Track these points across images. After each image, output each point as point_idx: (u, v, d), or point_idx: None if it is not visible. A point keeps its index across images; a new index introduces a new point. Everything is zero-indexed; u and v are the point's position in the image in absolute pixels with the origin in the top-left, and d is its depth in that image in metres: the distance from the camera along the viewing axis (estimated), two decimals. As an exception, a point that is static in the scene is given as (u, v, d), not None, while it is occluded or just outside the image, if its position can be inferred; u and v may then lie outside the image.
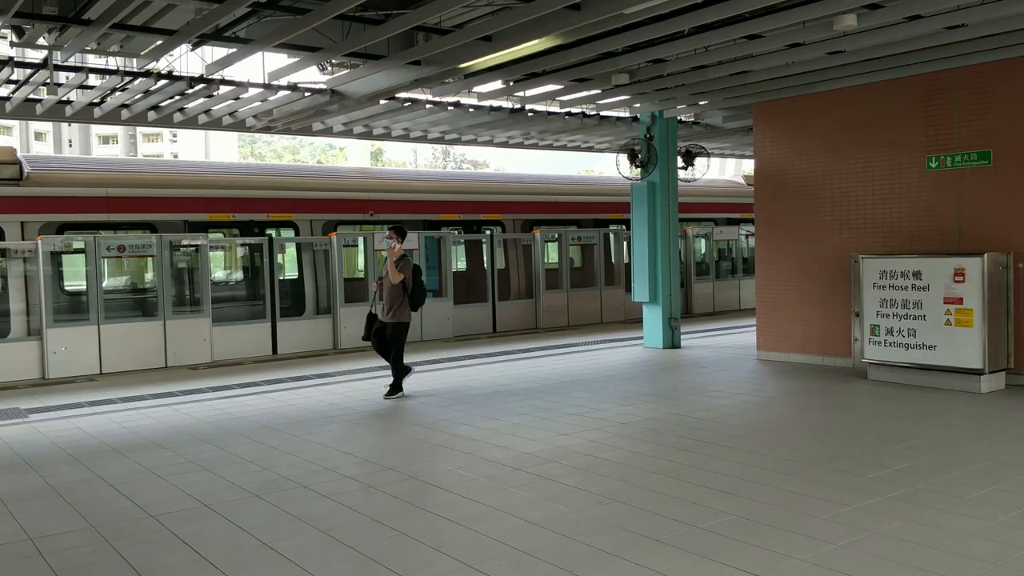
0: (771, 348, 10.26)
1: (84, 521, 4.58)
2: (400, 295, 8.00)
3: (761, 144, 10.46)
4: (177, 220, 11.75)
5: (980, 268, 7.63)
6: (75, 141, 51.13)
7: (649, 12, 6.52)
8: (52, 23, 7.07)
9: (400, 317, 8.04)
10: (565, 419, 6.91)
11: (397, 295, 8.01)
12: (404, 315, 8.05)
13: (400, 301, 8.01)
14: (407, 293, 8.00)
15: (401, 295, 8.00)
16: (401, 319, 8.05)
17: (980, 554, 3.79)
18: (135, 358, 10.55)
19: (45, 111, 10.33)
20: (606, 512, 4.50)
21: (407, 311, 8.07)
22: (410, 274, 8.02)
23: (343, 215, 13.34)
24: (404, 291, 7.99)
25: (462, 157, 53.49)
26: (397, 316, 8.03)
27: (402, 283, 7.95)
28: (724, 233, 17.13)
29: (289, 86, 9.68)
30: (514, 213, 15.34)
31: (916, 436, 6.07)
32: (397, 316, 8.03)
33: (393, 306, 8.02)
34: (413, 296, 8.04)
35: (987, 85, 8.25)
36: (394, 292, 8.00)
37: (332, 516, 4.55)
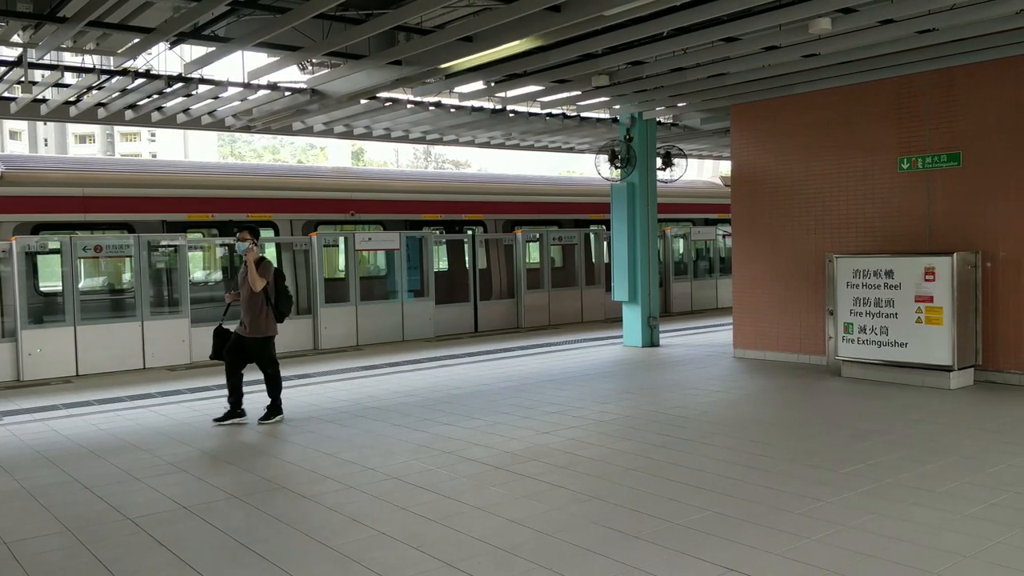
0: (747, 346, 10.40)
1: (60, 524, 4.54)
2: (262, 305, 7.00)
3: (738, 145, 10.59)
4: (155, 220, 11.63)
5: (950, 267, 7.80)
6: (51, 140, 50.31)
7: (628, 14, 6.59)
8: (26, 20, 6.97)
9: (266, 331, 7.06)
10: (545, 417, 6.96)
11: (258, 305, 6.98)
12: (270, 327, 7.08)
13: (263, 312, 7.01)
14: (270, 302, 7.04)
15: (263, 305, 7.00)
16: (268, 332, 7.07)
17: (950, 546, 3.89)
18: (112, 359, 10.43)
19: (20, 110, 10.17)
20: (585, 509, 4.55)
21: (272, 323, 7.09)
22: (271, 279, 7.07)
23: (324, 215, 13.28)
24: (266, 300, 7.01)
25: (443, 157, 53.42)
26: (262, 330, 7.03)
27: (264, 291, 6.98)
28: (702, 233, 17.30)
29: (269, 85, 9.63)
30: (496, 213, 15.38)
31: (888, 432, 6.20)
32: (262, 330, 7.03)
33: (255, 318, 6.99)
34: (278, 305, 7.09)
35: (956, 88, 8.43)
36: (254, 302, 6.97)
37: (312, 517, 4.55)
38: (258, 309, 7.00)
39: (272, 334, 7.14)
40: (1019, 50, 7.77)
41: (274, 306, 7.07)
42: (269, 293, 7.04)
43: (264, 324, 7.04)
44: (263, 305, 7.01)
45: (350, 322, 12.48)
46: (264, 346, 7.08)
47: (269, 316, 7.06)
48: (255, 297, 6.98)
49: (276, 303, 7.08)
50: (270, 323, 7.08)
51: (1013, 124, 8.04)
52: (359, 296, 12.59)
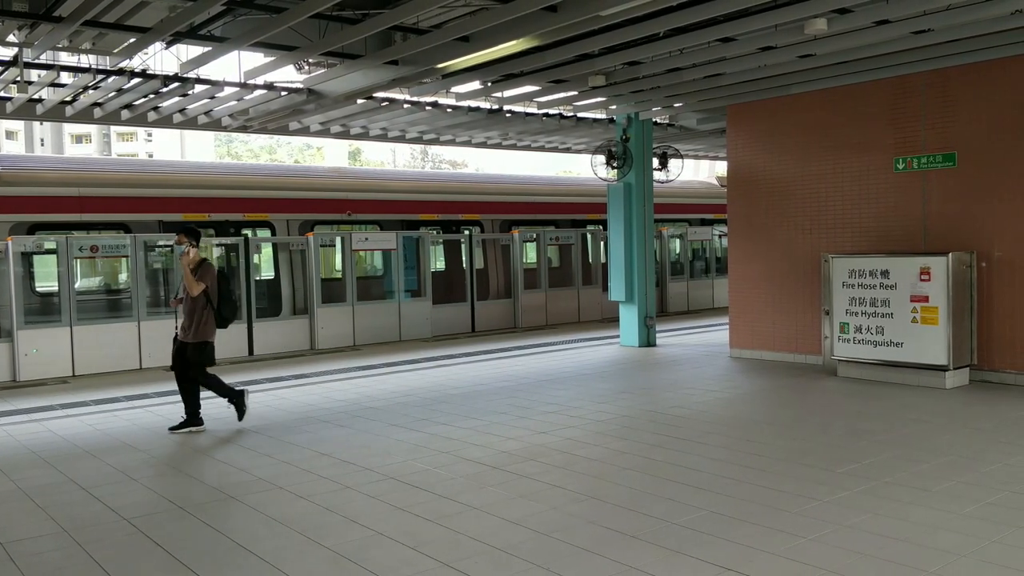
0: (743, 346, 10.42)
1: (56, 525, 4.53)
2: (202, 308, 6.70)
3: (734, 146, 10.61)
4: (152, 220, 11.61)
5: (945, 267, 7.83)
6: (48, 140, 50.15)
7: (625, 14, 6.60)
8: (22, 20, 6.96)
9: (203, 336, 6.73)
10: (542, 417, 6.96)
11: (199, 309, 6.70)
12: (208, 332, 6.76)
13: (203, 317, 6.71)
14: (211, 306, 6.73)
15: (203, 308, 6.70)
16: (204, 337, 6.74)
17: (945, 545, 3.90)
18: (109, 360, 10.40)
19: (15, 109, 10.16)
20: (582, 509, 4.56)
21: (212, 328, 6.77)
22: (213, 282, 6.77)
23: (320, 215, 13.27)
24: (207, 303, 6.71)
25: (440, 157, 53.39)
26: (199, 335, 6.71)
27: (204, 294, 6.70)
28: (698, 233, 17.33)
29: (265, 85, 9.62)
30: (493, 213, 15.38)
31: (883, 431, 6.21)
32: (199, 335, 6.71)
33: (194, 323, 6.69)
34: (220, 310, 6.78)
35: (952, 89, 8.46)
36: (194, 306, 6.70)
37: (309, 517, 4.55)
38: (198, 313, 6.71)
39: (208, 339, 6.78)
40: (1014, 50, 7.80)
41: (217, 311, 6.78)
42: (211, 297, 6.74)
43: (201, 329, 6.72)
44: (203, 309, 6.72)
45: (347, 322, 12.47)
46: (199, 349, 6.74)
47: (208, 321, 6.74)
48: (195, 301, 6.69)
49: (219, 308, 6.78)
50: (208, 328, 6.75)
51: (1008, 124, 8.06)
52: (356, 296, 12.58)
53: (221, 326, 6.86)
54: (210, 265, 6.86)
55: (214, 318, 6.77)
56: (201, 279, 6.72)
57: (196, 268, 6.73)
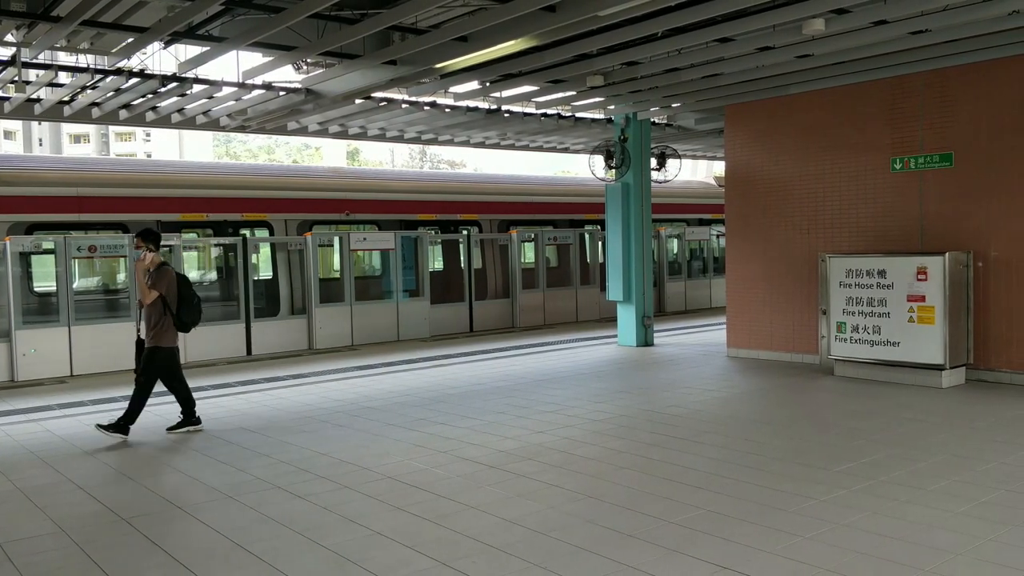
0: (741, 345, 10.43)
1: (54, 525, 4.54)
2: (160, 313, 6.56)
3: (732, 146, 10.63)
4: (150, 220, 11.60)
5: (942, 267, 7.85)
6: (46, 140, 50.05)
7: (623, 15, 6.61)
8: (20, 19, 6.96)
9: (160, 341, 6.58)
10: (540, 417, 6.97)
11: (156, 314, 6.57)
12: (166, 338, 6.61)
13: (161, 321, 6.57)
14: (170, 312, 6.60)
15: (161, 313, 6.57)
16: (161, 343, 6.58)
17: (942, 544, 3.92)
18: (106, 360, 10.40)
19: (13, 109, 10.15)
20: (579, 508, 4.57)
21: (171, 333, 6.62)
22: (171, 288, 6.61)
23: (318, 215, 13.27)
24: (166, 309, 6.58)
25: (439, 157, 53.37)
26: (156, 339, 6.58)
27: (162, 300, 6.56)
28: (696, 233, 17.35)
29: (264, 85, 9.63)
30: (491, 213, 15.39)
31: (880, 430, 6.23)
32: (156, 339, 6.58)
33: (152, 327, 6.58)
34: (180, 315, 6.63)
35: (949, 89, 8.48)
36: (152, 311, 6.58)
37: (307, 517, 4.55)
38: (156, 318, 6.57)
39: (164, 344, 6.61)
40: (1012, 51, 7.82)
41: (176, 316, 6.62)
42: (169, 303, 6.59)
43: (160, 334, 6.58)
44: (161, 314, 6.57)
45: (345, 322, 12.48)
46: (153, 354, 6.58)
47: (166, 327, 6.60)
48: (153, 305, 6.57)
49: (179, 313, 6.63)
50: (166, 333, 6.61)
51: (1005, 125, 8.09)
52: (354, 296, 12.58)
53: (182, 330, 6.71)
54: (167, 270, 6.70)
55: (173, 324, 6.62)
56: (154, 286, 6.55)
57: (153, 273, 6.60)
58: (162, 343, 6.61)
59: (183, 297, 6.68)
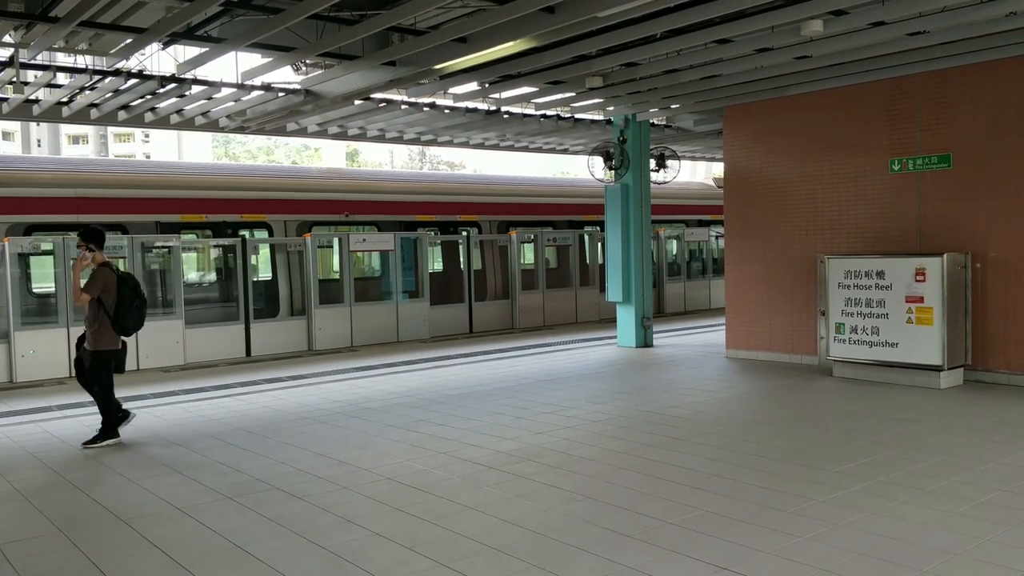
0: (740, 346, 10.44)
1: (53, 526, 4.54)
2: (99, 316, 6.33)
3: (731, 147, 10.64)
4: (149, 221, 11.60)
5: (940, 268, 7.86)
6: (44, 141, 50.01)
7: (622, 16, 6.62)
8: (18, 20, 6.95)
9: (99, 344, 6.35)
10: (539, 417, 6.98)
11: (95, 316, 6.34)
12: (105, 341, 6.36)
13: (99, 325, 6.32)
14: (108, 315, 6.34)
15: (99, 316, 6.33)
16: (100, 347, 6.35)
17: (940, 544, 3.92)
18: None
19: (12, 110, 10.15)
20: (578, 509, 4.57)
21: (110, 337, 6.37)
22: (109, 290, 6.34)
23: (317, 216, 13.27)
24: (103, 312, 6.33)
25: (438, 158, 53.36)
26: (96, 343, 6.35)
27: (99, 303, 6.32)
28: (695, 234, 17.36)
29: (263, 86, 9.62)
30: (490, 214, 15.40)
31: (878, 431, 6.24)
32: (96, 343, 6.35)
33: (91, 331, 6.37)
34: (118, 320, 6.35)
35: (947, 90, 8.49)
36: (90, 313, 6.37)
37: (306, 517, 4.56)
38: (93, 321, 6.36)
39: (104, 348, 6.38)
40: (1009, 52, 7.83)
41: (114, 320, 6.36)
42: (107, 307, 6.34)
43: (98, 338, 6.36)
44: (98, 317, 6.34)
45: (345, 323, 12.48)
46: (95, 359, 6.39)
47: (104, 330, 6.35)
48: (91, 308, 6.35)
49: (116, 317, 6.36)
50: (105, 337, 6.36)
51: (1003, 125, 8.10)
52: (354, 297, 12.59)
53: (122, 335, 6.47)
54: (107, 272, 6.41)
55: (111, 327, 6.37)
56: (88, 288, 6.30)
57: (93, 274, 6.39)
58: (103, 346, 6.37)
59: (122, 300, 6.36)
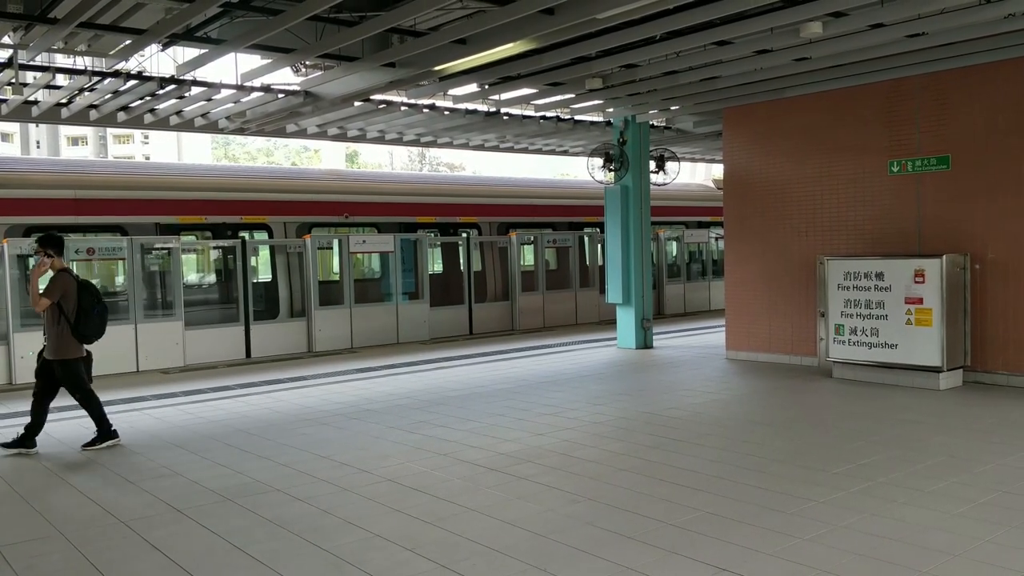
0: (739, 348, 10.44)
1: (53, 528, 4.53)
2: (55, 324, 6.23)
3: (730, 149, 10.64)
4: (148, 222, 11.59)
5: (939, 269, 7.87)
6: (43, 142, 50.01)
7: (621, 17, 6.62)
8: (17, 21, 6.95)
9: (62, 353, 6.26)
10: (540, 419, 6.98)
11: (51, 324, 6.24)
12: (68, 350, 6.27)
13: (58, 332, 6.23)
14: (67, 321, 6.24)
15: (56, 324, 6.23)
16: (64, 355, 6.26)
17: (939, 545, 3.93)
18: (105, 362, 10.35)
19: (11, 111, 10.15)
20: (579, 510, 4.58)
21: (72, 345, 6.28)
22: (69, 296, 6.26)
23: (317, 217, 13.27)
24: (62, 319, 6.23)
25: (438, 160, 53.37)
26: (58, 352, 6.26)
27: (59, 309, 6.22)
28: (695, 236, 17.37)
29: (262, 87, 9.63)
30: (490, 216, 15.41)
31: (878, 432, 6.24)
32: (58, 352, 6.26)
33: (51, 338, 6.27)
34: (78, 327, 6.25)
35: (946, 92, 8.50)
36: (50, 321, 6.26)
37: (306, 519, 4.55)
38: (52, 329, 6.26)
39: (68, 357, 6.29)
40: (1007, 54, 7.85)
41: (74, 327, 6.26)
42: (67, 313, 6.25)
43: (58, 346, 6.26)
44: (56, 325, 6.25)
45: (345, 324, 12.48)
46: (63, 371, 6.30)
47: (64, 338, 6.26)
48: (51, 315, 6.25)
49: (76, 324, 6.26)
50: (66, 345, 6.27)
51: (1002, 127, 8.11)
52: (354, 298, 12.58)
53: (82, 342, 6.36)
54: (66, 278, 6.33)
55: (71, 334, 6.28)
56: (47, 294, 6.21)
57: (52, 279, 6.30)
58: (67, 355, 6.29)
59: (82, 307, 6.28)
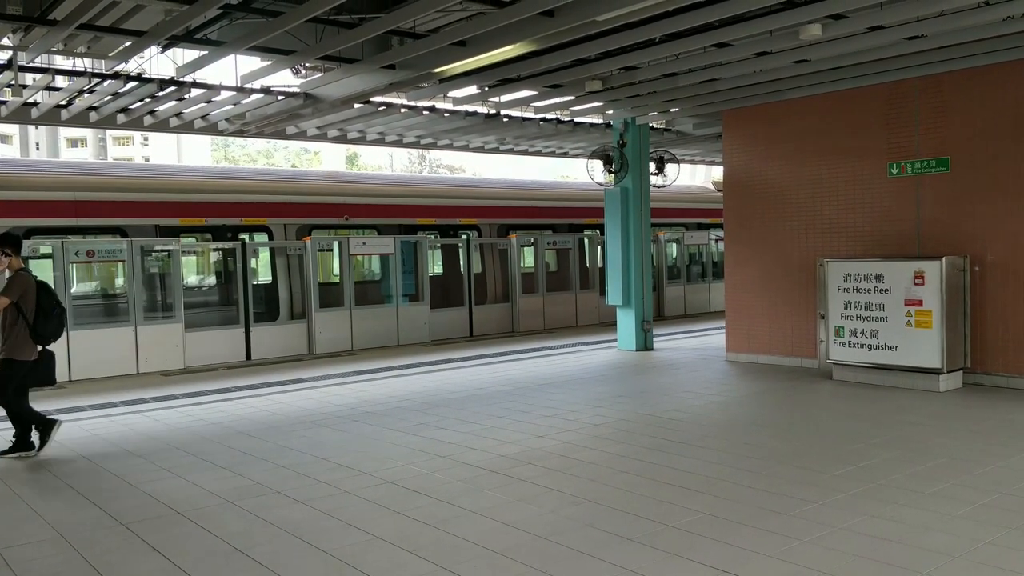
0: (740, 350, 10.45)
1: (53, 530, 4.53)
2: (12, 324, 6.16)
3: (730, 151, 10.65)
4: (148, 225, 11.59)
5: (939, 271, 7.88)
6: (43, 144, 50.06)
7: (621, 20, 6.63)
8: (16, 23, 6.96)
9: (13, 353, 6.15)
10: (540, 421, 6.98)
11: (8, 324, 6.18)
12: (20, 351, 6.17)
13: (14, 332, 6.16)
14: (26, 321, 6.16)
15: (14, 324, 6.16)
16: (13, 356, 6.15)
17: (939, 547, 3.93)
18: (106, 364, 10.39)
19: (10, 113, 10.15)
20: (579, 512, 4.57)
21: (27, 346, 6.18)
22: (28, 296, 6.18)
23: (317, 219, 13.28)
24: (20, 318, 6.16)
25: (438, 162, 53.40)
26: (9, 351, 6.16)
27: (17, 309, 6.14)
28: (695, 238, 17.37)
29: (262, 89, 9.63)
30: (490, 218, 15.42)
31: (878, 434, 6.24)
32: (9, 351, 6.16)
33: (6, 339, 6.19)
34: (36, 327, 6.18)
35: (944, 94, 8.51)
36: (5, 320, 6.20)
37: (307, 521, 4.55)
38: (7, 329, 6.18)
39: (16, 358, 6.17)
40: (1006, 56, 7.86)
41: (32, 327, 6.17)
42: (25, 313, 6.16)
43: (13, 346, 6.16)
44: (13, 325, 6.16)
45: (345, 326, 12.48)
46: (2, 368, 6.17)
47: (19, 338, 6.16)
48: (8, 314, 6.17)
49: (35, 324, 6.18)
50: (19, 346, 6.17)
51: (1001, 129, 8.12)
52: (354, 300, 12.59)
53: (39, 343, 6.28)
54: (25, 277, 6.26)
55: (29, 336, 6.19)
56: (7, 293, 6.13)
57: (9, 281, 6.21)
58: (16, 356, 6.18)
59: (41, 307, 6.22)
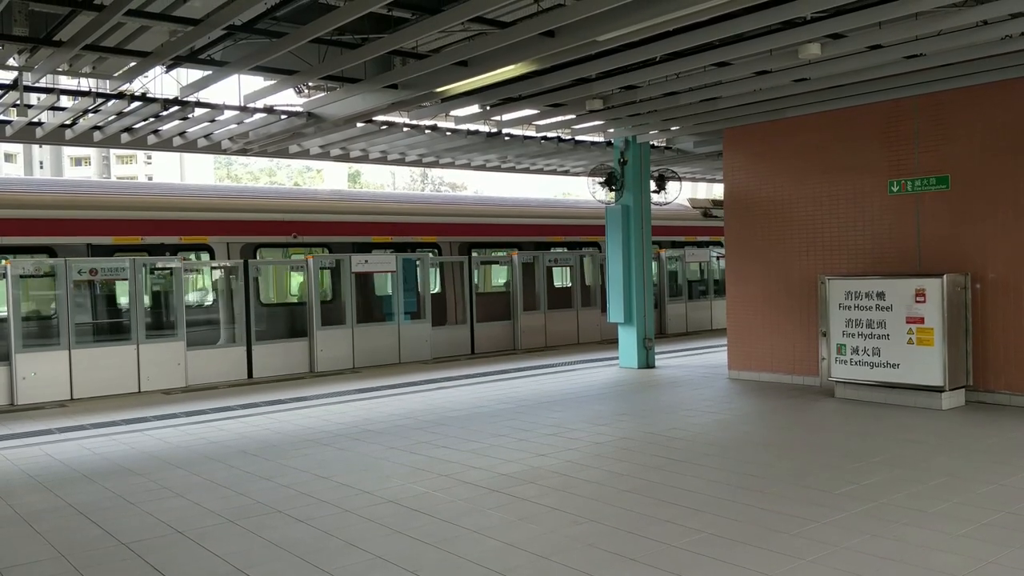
0: (741, 367, 10.43)
1: (53, 550, 4.51)
2: None
3: (730, 168, 10.71)
4: (79, 243, 11.03)
5: (940, 289, 7.88)
6: (47, 163, 50.47)
7: (621, 39, 6.69)
8: (22, 44, 7.03)
9: None
10: (541, 439, 6.96)
11: None
12: None
13: None
14: None
15: None
16: None
17: (942, 566, 3.90)
18: (107, 383, 10.37)
19: (15, 133, 10.23)
20: (581, 531, 4.55)
21: None
22: None
23: (263, 237, 12.67)
24: None
25: (440, 180, 53.64)
26: None
27: None
28: (696, 255, 17.37)
29: (265, 109, 9.72)
30: (451, 235, 14.80)
31: (881, 452, 6.22)
32: None
33: None
34: None
35: (944, 112, 8.57)
36: None
37: (308, 541, 4.53)
38: None
39: None
40: (1004, 75, 7.92)
41: None
42: None
43: None
44: None
45: (346, 344, 12.47)
46: None
47: None
48: None
49: None
50: None
51: (1000, 146, 8.16)
52: (355, 318, 12.57)
53: None
54: None
55: None
56: None
57: None
58: None
59: None
